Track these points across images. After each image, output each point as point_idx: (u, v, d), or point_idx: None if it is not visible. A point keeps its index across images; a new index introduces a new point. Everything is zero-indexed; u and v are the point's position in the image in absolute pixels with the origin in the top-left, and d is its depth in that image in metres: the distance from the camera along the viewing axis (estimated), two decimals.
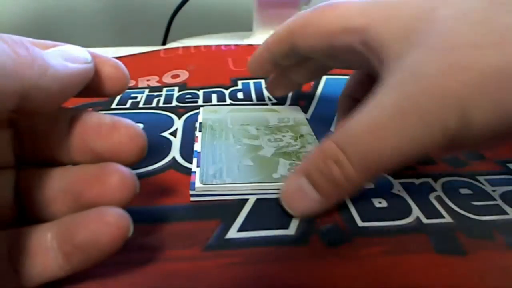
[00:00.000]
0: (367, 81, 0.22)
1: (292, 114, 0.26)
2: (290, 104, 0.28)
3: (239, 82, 0.33)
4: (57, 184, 0.14)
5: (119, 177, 0.14)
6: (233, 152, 0.21)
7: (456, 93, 0.14)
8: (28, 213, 0.14)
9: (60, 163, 0.15)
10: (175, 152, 0.23)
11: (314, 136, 0.23)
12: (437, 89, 0.14)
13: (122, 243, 0.13)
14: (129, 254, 0.15)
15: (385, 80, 0.16)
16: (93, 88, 0.15)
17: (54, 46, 0.14)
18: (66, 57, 0.13)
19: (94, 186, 0.14)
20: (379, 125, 0.15)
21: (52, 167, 0.15)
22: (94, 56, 0.15)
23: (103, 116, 0.15)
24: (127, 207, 0.14)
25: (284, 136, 0.23)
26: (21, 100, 0.11)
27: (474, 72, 0.14)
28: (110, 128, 0.14)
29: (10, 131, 0.15)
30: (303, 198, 0.17)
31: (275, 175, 0.19)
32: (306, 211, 0.17)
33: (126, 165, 0.14)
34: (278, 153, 0.21)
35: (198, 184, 0.19)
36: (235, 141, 0.22)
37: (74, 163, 0.15)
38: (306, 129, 0.24)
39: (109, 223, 0.13)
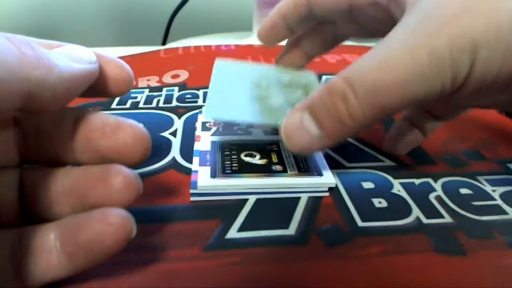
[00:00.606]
0: None
1: (306, 76, 0.25)
2: None
3: None
4: (61, 185, 0.14)
5: (123, 179, 0.14)
6: (242, 96, 0.21)
7: (470, 34, 0.14)
8: (31, 212, 0.14)
9: (64, 163, 0.15)
10: (175, 152, 0.23)
11: None
12: (451, 29, 0.14)
13: (125, 244, 0.13)
14: (129, 254, 0.15)
15: (399, 23, 0.16)
16: (97, 89, 0.15)
17: (59, 46, 0.14)
18: (71, 58, 0.13)
19: (98, 187, 0.14)
20: (388, 60, 0.15)
21: (56, 167, 0.15)
22: (99, 56, 0.15)
23: (108, 116, 0.15)
24: (129, 207, 0.14)
25: (295, 92, 0.22)
26: (26, 99, 0.11)
27: (489, 15, 0.13)
28: (115, 128, 0.14)
29: (15, 130, 0.15)
30: (303, 133, 0.17)
31: (281, 120, 0.18)
32: (304, 147, 0.17)
33: (130, 165, 0.14)
34: (288, 104, 0.21)
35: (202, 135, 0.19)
36: (244, 89, 0.22)
37: (78, 163, 0.15)
38: (317, 88, 0.23)
39: (113, 224, 0.13)
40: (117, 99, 0.30)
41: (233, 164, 0.21)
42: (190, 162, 0.22)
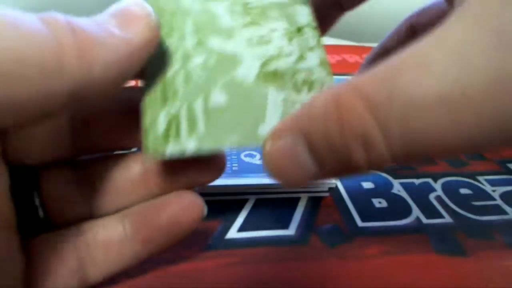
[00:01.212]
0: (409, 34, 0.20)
1: None
2: None
3: None
4: (130, 172, 0.14)
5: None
6: (193, 71, 0.12)
7: None
8: (89, 208, 0.14)
9: (129, 148, 0.15)
10: None
11: (317, 31, 0.14)
12: None
13: (197, 224, 0.14)
14: None
15: (465, 2, 0.09)
16: None
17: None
18: (124, 21, 0.11)
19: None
20: (456, 75, 0.08)
21: (116, 158, 0.14)
22: None
23: None
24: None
25: (273, 31, 0.13)
26: (69, 98, 0.10)
27: None
28: None
29: (70, 122, 0.14)
30: (293, 165, 0.11)
31: (262, 129, 0.12)
32: (294, 182, 0.11)
33: None
34: (265, 73, 0.13)
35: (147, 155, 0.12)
36: (196, 41, 0.13)
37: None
38: (305, 13, 0.14)
39: (188, 206, 0.14)
40: None
41: (233, 164, 0.21)
42: None
